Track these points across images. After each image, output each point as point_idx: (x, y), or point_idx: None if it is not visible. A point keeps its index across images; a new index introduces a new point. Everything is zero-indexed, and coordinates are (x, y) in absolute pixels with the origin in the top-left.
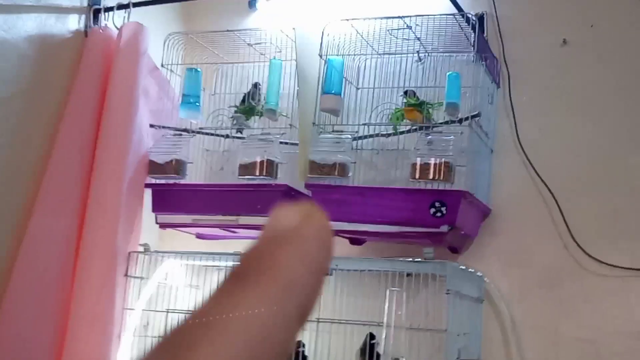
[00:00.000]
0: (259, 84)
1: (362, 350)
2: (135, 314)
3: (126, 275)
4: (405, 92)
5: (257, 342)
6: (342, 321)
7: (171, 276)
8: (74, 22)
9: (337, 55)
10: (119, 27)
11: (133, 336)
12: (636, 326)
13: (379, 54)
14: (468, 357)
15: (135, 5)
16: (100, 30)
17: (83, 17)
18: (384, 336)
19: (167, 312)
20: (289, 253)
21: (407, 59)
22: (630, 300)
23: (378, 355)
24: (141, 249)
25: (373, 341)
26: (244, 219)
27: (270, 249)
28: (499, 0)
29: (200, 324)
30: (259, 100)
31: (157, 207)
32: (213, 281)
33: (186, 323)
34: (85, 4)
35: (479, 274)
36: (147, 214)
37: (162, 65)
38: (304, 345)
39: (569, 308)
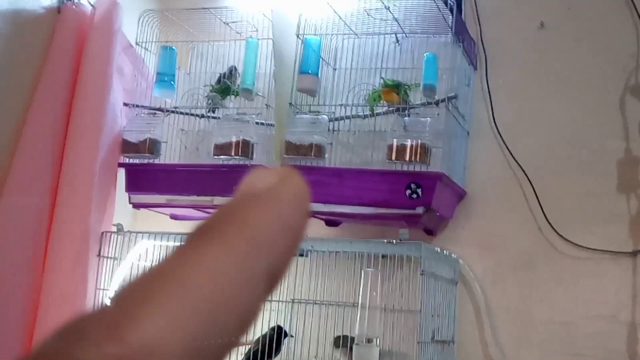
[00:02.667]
0: (236, 68)
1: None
2: (109, 295)
3: (99, 255)
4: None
5: (219, 301)
6: (317, 302)
7: (145, 257)
8: None
9: (315, 35)
10: (92, 3)
11: None
12: (609, 308)
13: (357, 35)
14: (442, 338)
15: None
16: (74, 7)
17: None
18: (358, 317)
19: None
20: (262, 211)
21: (384, 40)
22: (603, 282)
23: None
24: (114, 229)
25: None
26: (219, 200)
27: (243, 206)
28: None
29: (157, 278)
30: (234, 80)
31: (131, 187)
32: None
33: (143, 277)
34: None
35: (453, 255)
36: (121, 194)
37: (136, 43)
38: (280, 329)
39: (542, 290)
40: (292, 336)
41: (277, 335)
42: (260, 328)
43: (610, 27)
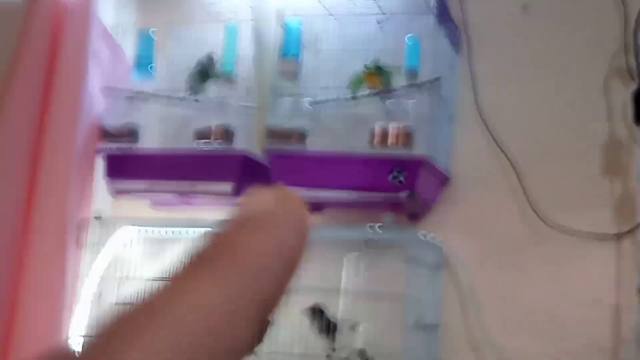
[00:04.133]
0: (213, 56)
1: (317, 321)
2: (89, 283)
3: (78, 243)
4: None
5: (204, 336)
6: (299, 288)
7: (125, 244)
8: None
9: (295, 17)
10: None
11: (87, 305)
12: (594, 292)
13: (338, 17)
14: (427, 323)
15: None
16: None
17: None
18: (341, 303)
19: (121, 280)
20: (259, 238)
21: (366, 23)
22: (587, 266)
23: (329, 321)
24: (94, 216)
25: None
26: (200, 186)
27: (239, 233)
28: None
29: (145, 312)
30: (213, 66)
31: (111, 173)
32: (168, 249)
33: (132, 310)
34: None
35: (438, 241)
36: (101, 181)
37: (113, 28)
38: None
39: (527, 275)
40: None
41: None
42: None
43: (594, 10)
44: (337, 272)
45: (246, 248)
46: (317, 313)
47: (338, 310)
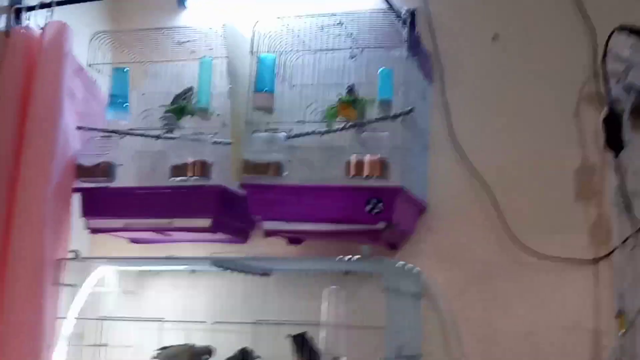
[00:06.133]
0: (192, 88)
1: (299, 351)
2: (68, 323)
3: (56, 283)
4: (350, 88)
5: None
6: (280, 322)
7: (104, 283)
8: None
9: (269, 52)
10: (42, 26)
11: (67, 346)
12: (571, 317)
13: (312, 51)
14: (408, 354)
15: (59, 4)
16: (22, 30)
17: (4, 16)
18: (322, 336)
19: (102, 320)
20: None
21: (339, 56)
22: (565, 291)
23: (311, 350)
24: (71, 255)
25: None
26: (178, 222)
27: None
28: None
29: None
30: (191, 101)
31: (87, 211)
32: (148, 286)
33: None
34: (6, 3)
35: (416, 270)
36: (78, 220)
37: (88, 65)
38: (246, 352)
39: (506, 302)
40: (259, 357)
41: (242, 359)
42: (225, 351)
43: (563, 38)
44: (316, 305)
45: None
46: (301, 342)
47: (319, 342)
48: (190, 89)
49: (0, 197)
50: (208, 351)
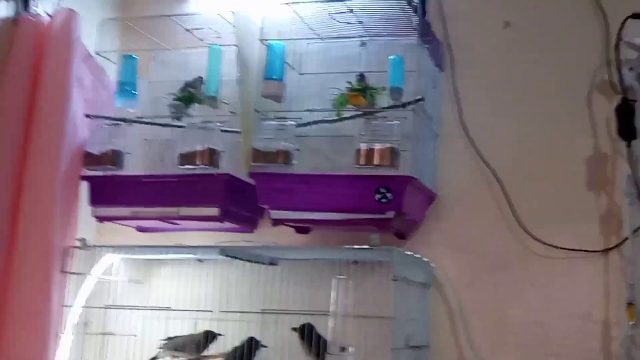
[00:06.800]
0: (202, 78)
1: (306, 341)
2: (74, 311)
3: (63, 271)
4: (361, 76)
5: None
6: (288, 311)
7: (111, 271)
8: (2, 10)
9: (278, 40)
10: (50, 13)
11: (72, 334)
12: (583, 307)
13: (322, 39)
14: (416, 344)
15: None
16: (31, 18)
17: (12, 4)
18: (331, 325)
19: (107, 308)
20: None
21: (350, 44)
22: (576, 281)
23: (320, 339)
24: (78, 243)
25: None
26: (186, 210)
27: None
28: None
29: None
30: (200, 90)
31: (95, 199)
32: (154, 275)
33: None
34: None
35: (425, 259)
36: (85, 208)
37: (96, 53)
38: (253, 340)
39: (516, 292)
40: (265, 346)
41: (248, 348)
42: (231, 340)
43: (576, 25)
44: (325, 294)
45: None
46: (308, 332)
47: (327, 332)
48: (200, 79)
49: (8, 185)
50: (213, 336)
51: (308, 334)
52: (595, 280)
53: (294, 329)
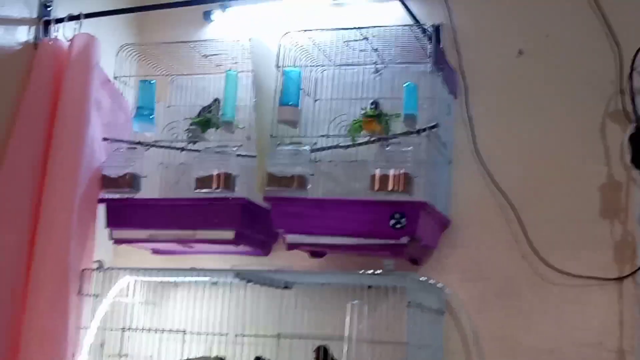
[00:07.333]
0: (219, 100)
1: None
2: (90, 333)
3: (80, 293)
4: (375, 103)
5: None
6: (302, 336)
7: (127, 293)
8: (23, 34)
9: (294, 66)
10: (69, 38)
11: (88, 356)
12: (595, 335)
13: (336, 66)
14: None
15: (87, 16)
16: (50, 42)
17: (33, 28)
18: (345, 350)
19: (123, 330)
20: None
21: (364, 71)
22: (589, 309)
23: None
24: (95, 265)
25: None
26: (202, 233)
27: None
28: (455, 11)
29: None
30: (217, 113)
31: (112, 222)
32: (170, 297)
33: None
34: (35, 15)
35: (439, 285)
36: (102, 230)
37: (114, 78)
38: None
39: (528, 318)
40: None
41: None
42: None
43: (589, 53)
44: (338, 318)
45: None
46: (323, 355)
47: (341, 357)
48: (216, 100)
49: (27, 207)
50: None
51: (323, 357)
52: (608, 308)
53: (316, 352)
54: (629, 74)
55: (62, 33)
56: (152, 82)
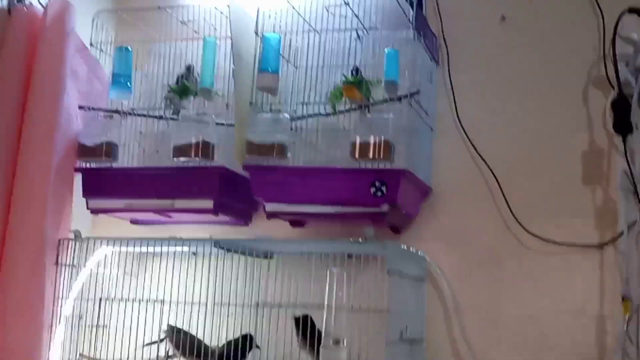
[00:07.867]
0: (192, 67)
1: (302, 333)
2: (68, 304)
3: (57, 263)
4: (356, 70)
5: None
6: (282, 305)
7: (105, 264)
8: None
9: (274, 32)
10: (44, 4)
11: (66, 327)
12: (577, 302)
13: (317, 32)
14: (411, 337)
15: None
16: (25, 9)
17: None
18: (324, 318)
19: (101, 300)
20: None
21: (345, 37)
22: (570, 276)
23: (316, 331)
24: (72, 235)
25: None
26: (180, 203)
27: None
28: None
29: None
30: (194, 81)
31: (88, 192)
32: (148, 268)
33: None
34: None
35: (420, 253)
36: (79, 200)
37: (91, 45)
38: (248, 337)
39: (510, 286)
40: (258, 347)
41: (243, 345)
42: (226, 333)
43: (572, 20)
44: (319, 287)
45: None
46: (304, 323)
47: (321, 325)
48: (190, 67)
49: (1, 177)
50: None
51: (304, 326)
52: (590, 275)
53: (296, 319)
54: (612, 39)
55: None
56: (128, 48)
